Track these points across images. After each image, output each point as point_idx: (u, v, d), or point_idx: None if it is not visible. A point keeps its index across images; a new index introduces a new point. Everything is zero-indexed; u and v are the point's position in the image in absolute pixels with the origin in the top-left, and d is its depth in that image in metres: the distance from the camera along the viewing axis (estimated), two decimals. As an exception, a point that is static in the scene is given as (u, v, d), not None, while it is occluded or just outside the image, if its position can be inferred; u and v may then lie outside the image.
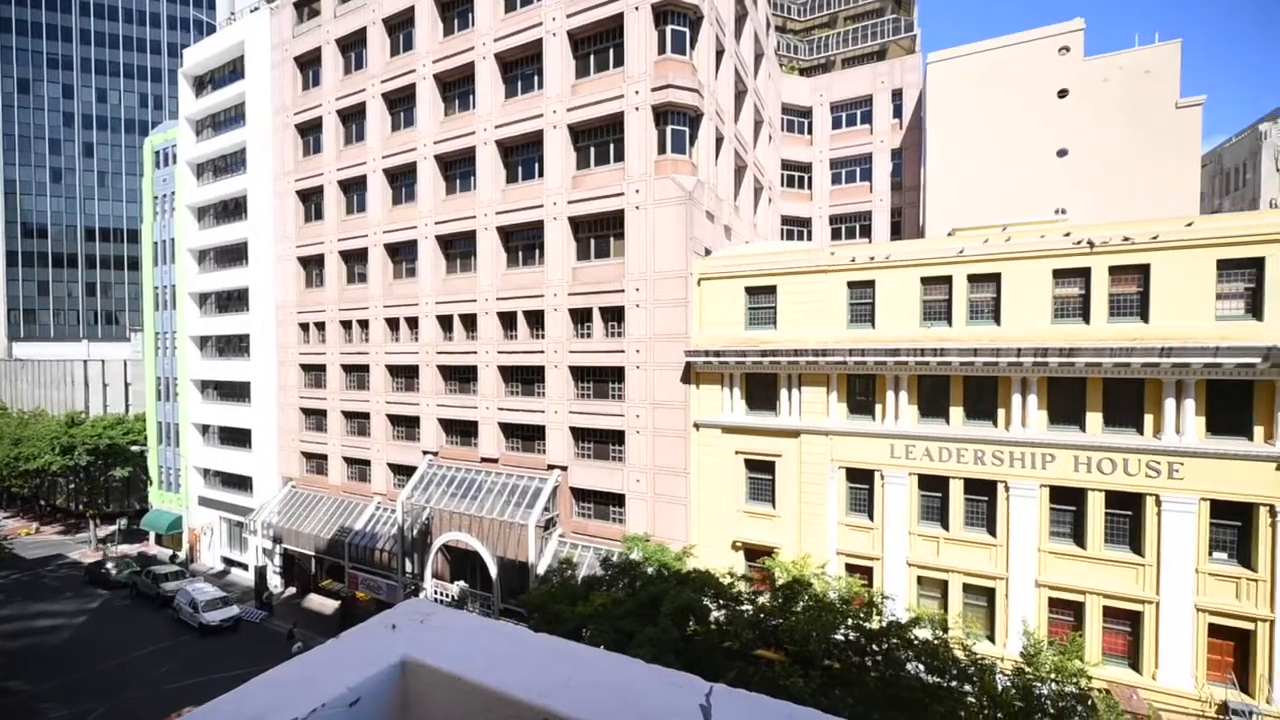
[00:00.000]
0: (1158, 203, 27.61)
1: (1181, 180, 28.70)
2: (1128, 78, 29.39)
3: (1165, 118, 28.88)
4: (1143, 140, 29.03)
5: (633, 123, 23.98)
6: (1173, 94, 28.90)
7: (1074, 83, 30.19)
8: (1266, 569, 16.09)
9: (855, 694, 13.52)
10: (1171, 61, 28.97)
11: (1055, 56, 30.57)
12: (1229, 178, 42.56)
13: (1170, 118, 28.83)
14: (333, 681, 1.20)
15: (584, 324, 25.89)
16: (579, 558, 24.41)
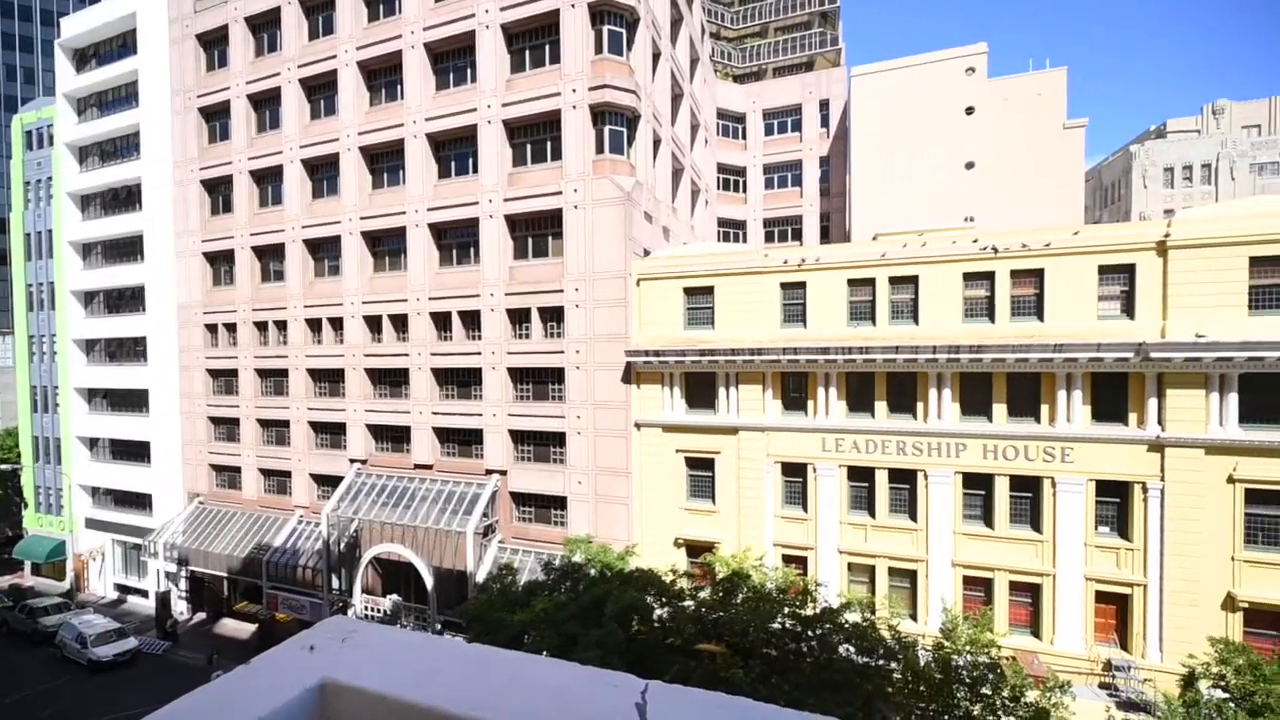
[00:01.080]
0: (1051, 213, 30.56)
1: (1069, 193, 31.92)
2: (1023, 99, 32.34)
3: (1055, 136, 32.01)
4: (1037, 155, 32.04)
5: (570, 121, 23.77)
6: (1060, 115, 32.09)
7: (979, 101, 32.86)
8: (1140, 539, 18.19)
9: (791, 680, 14.06)
10: (1059, 86, 32.15)
11: (963, 76, 33.15)
12: (1107, 192, 47.80)
13: (1059, 136, 31.99)
14: (242, 712, 1.12)
15: (523, 324, 25.39)
16: (520, 563, 23.91)
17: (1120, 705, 16.99)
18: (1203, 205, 30.61)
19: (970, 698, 14.07)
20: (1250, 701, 12.88)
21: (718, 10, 46.63)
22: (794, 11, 45.66)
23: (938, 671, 14.26)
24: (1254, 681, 13.21)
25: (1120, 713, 16.62)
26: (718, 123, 39.01)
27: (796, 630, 15.27)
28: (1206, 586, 17.46)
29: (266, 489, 31.68)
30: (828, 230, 38.18)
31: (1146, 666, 17.79)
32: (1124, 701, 17.17)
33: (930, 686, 14.11)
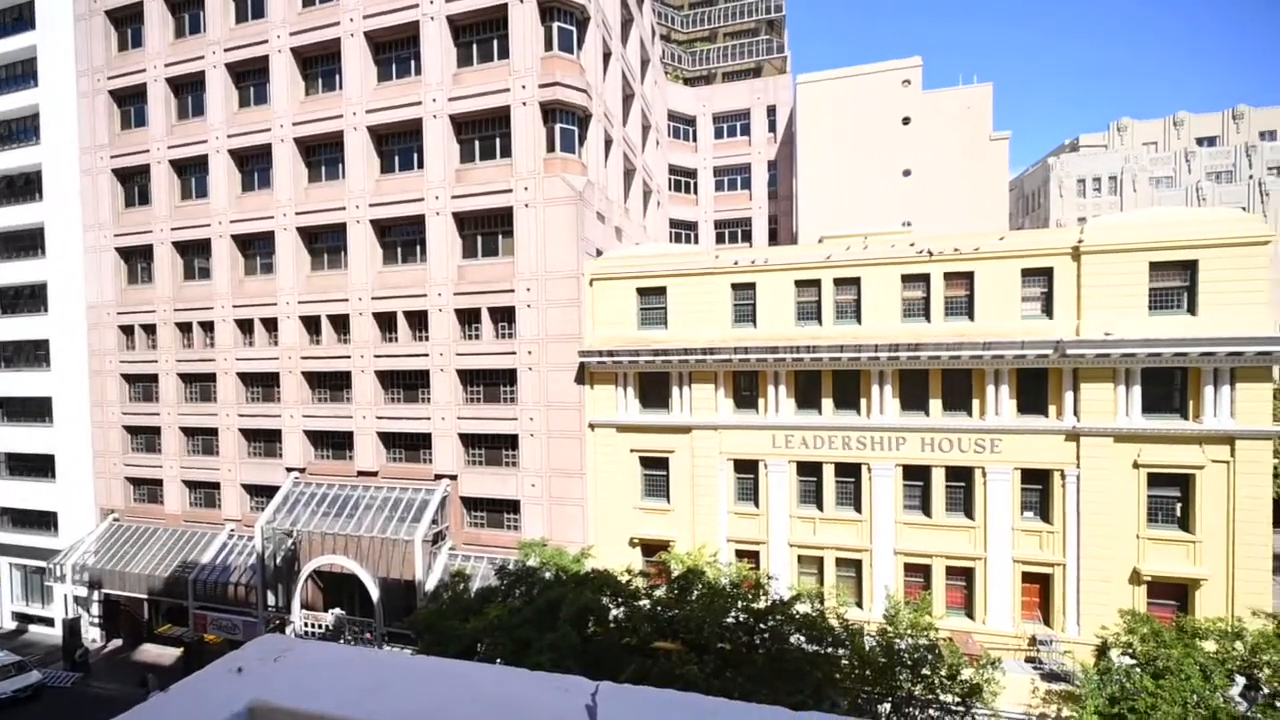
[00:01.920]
0: (979, 219, 32.55)
1: (995, 200, 34.11)
2: (954, 111, 34.31)
3: (982, 147, 34.13)
4: (967, 165, 34.06)
5: (520, 118, 23.37)
6: (987, 128, 34.24)
7: (914, 112, 34.61)
8: (1060, 522, 19.66)
9: (745, 673, 14.35)
10: (985, 100, 34.31)
11: (899, 88, 34.82)
12: (1029, 200, 51.42)
13: (986, 147, 34.13)
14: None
15: (472, 325, 24.76)
16: (472, 570, 23.31)
17: (1044, 677, 18.31)
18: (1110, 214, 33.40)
19: (912, 678, 14.82)
20: (1153, 666, 14.16)
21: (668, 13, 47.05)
22: (742, 18, 46.67)
23: (882, 656, 14.94)
24: (1156, 647, 14.54)
25: (1044, 684, 17.93)
26: (669, 124, 39.35)
27: (749, 623, 15.60)
28: (1116, 563, 19.07)
29: (192, 502, 29.52)
30: (776, 232, 39.23)
31: (1066, 639, 19.25)
32: (1047, 673, 18.51)
33: (875, 670, 14.75)
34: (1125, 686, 13.78)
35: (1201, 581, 18.31)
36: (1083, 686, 14.80)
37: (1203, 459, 18.32)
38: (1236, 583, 17.97)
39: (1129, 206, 43.61)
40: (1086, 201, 45.42)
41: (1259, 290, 18.19)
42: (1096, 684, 14.30)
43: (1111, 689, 13.89)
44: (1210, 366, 18.18)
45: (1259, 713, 13.07)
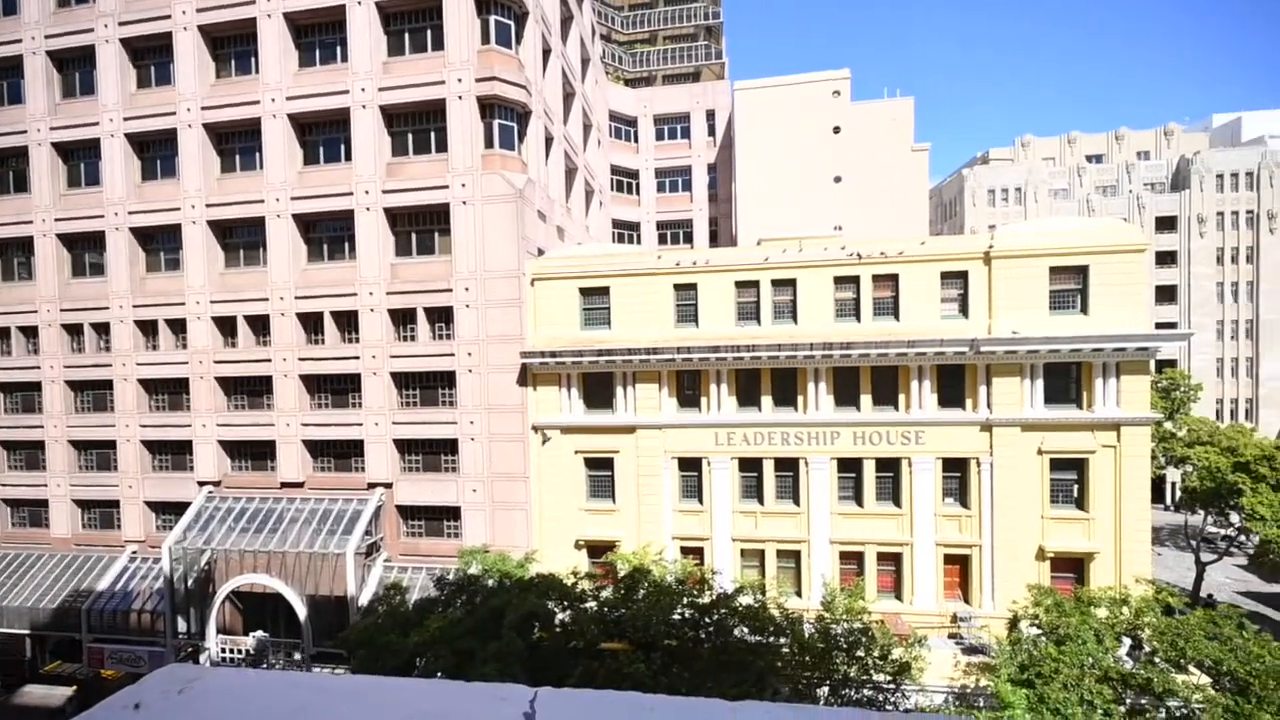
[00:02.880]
0: (904, 224, 34.61)
1: (916, 207, 36.40)
2: (879, 122, 36.32)
3: (905, 157, 36.33)
4: (891, 173, 36.14)
5: (456, 112, 22.62)
6: (909, 139, 36.48)
7: (844, 121, 36.36)
8: (977, 507, 21.25)
9: (691, 667, 14.57)
10: (907, 113, 36.54)
11: (830, 98, 36.47)
12: (947, 208, 55.27)
13: (908, 157, 36.35)
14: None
15: (407, 326, 23.74)
16: (410, 581, 22.35)
17: (965, 650, 19.71)
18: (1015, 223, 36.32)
19: (847, 661, 15.55)
20: (1056, 634, 15.57)
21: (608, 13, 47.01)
22: (681, 23, 47.35)
23: (820, 641, 15.58)
24: (1058, 617, 15.99)
25: (964, 657, 19.29)
26: (610, 124, 39.32)
27: (695, 619, 15.84)
28: (1025, 542, 20.82)
29: (85, 523, 26.60)
30: (716, 234, 40.08)
31: (984, 615, 20.82)
32: (967, 647, 19.94)
33: (813, 655, 15.37)
34: (1033, 654, 15.06)
35: (1095, 555, 20.33)
36: (997, 657, 16.06)
37: (1094, 444, 20.34)
38: (1123, 554, 20.08)
39: (1032, 216, 47.78)
40: (996, 210, 49.37)
41: (1139, 292, 20.42)
42: (1009, 654, 15.55)
43: (1021, 658, 15.15)
44: (1100, 361, 20.21)
45: (1141, 668, 14.66)
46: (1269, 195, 44.41)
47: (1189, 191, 45.66)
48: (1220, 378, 45.15)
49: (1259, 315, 44.69)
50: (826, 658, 15.36)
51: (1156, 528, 25.22)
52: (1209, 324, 45.14)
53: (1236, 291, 45.14)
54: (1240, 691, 13.57)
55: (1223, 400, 45.09)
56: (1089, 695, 13.69)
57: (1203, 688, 14.22)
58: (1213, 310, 45.33)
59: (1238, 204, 44.94)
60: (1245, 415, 44.80)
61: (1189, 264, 45.60)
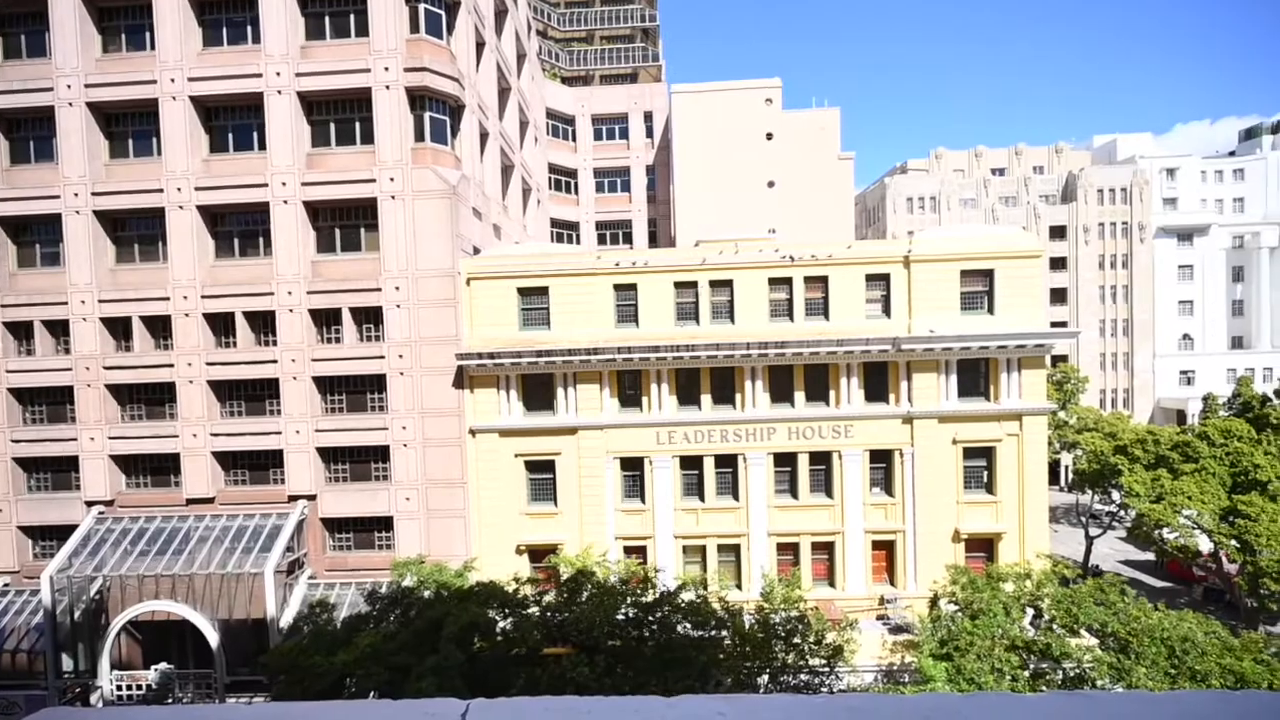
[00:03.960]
0: (833, 229, 36.30)
1: (843, 213, 38.29)
2: (808, 131, 37.92)
3: (832, 164, 38.12)
4: (821, 179, 37.82)
5: (383, 103, 21.54)
6: (836, 147, 38.31)
7: (776, 128, 37.67)
8: (900, 495, 22.63)
9: (636, 666, 14.60)
10: (834, 122, 38.36)
11: (763, 105, 37.68)
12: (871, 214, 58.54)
13: (835, 165, 38.18)
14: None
15: (331, 327, 22.35)
16: (338, 598, 21.05)
17: (891, 630, 20.95)
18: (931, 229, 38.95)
19: (785, 649, 16.10)
20: (970, 609, 16.85)
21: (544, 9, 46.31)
22: (618, 23, 47.40)
23: (759, 632, 16.05)
24: (972, 593, 17.31)
25: (891, 636, 20.49)
26: (547, 123, 38.76)
27: (639, 618, 15.88)
28: (943, 525, 22.38)
29: (-58, 556, 23.16)
30: (655, 235, 40.42)
31: (908, 596, 22.20)
32: (894, 627, 21.21)
33: (754, 646, 15.81)
34: (951, 630, 16.22)
35: (1002, 534, 22.17)
36: (920, 635, 17.17)
37: (1001, 433, 22.18)
38: (1026, 533, 22.02)
39: (945, 223, 51.50)
40: (914, 217, 52.83)
41: (1037, 294, 22.46)
42: (930, 631, 16.67)
43: (941, 633, 16.28)
44: (1004, 357, 22.06)
45: (1042, 635, 16.13)
46: (1139, 208, 50.21)
47: (1076, 204, 50.81)
48: (1103, 370, 50.55)
49: (1133, 315, 50.43)
50: (766, 647, 15.85)
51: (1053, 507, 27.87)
52: (1094, 322, 50.42)
53: (1115, 294, 50.71)
54: (1122, 650, 15.22)
55: (1105, 391, 50.49)
56: (999, 664, 14.91)
57: (1091, 649, 15.84)
58: (1096, 310, 50.67)
59: (1115, 216, 50.50)
60: (1123, 404, 50.41)
61: (1077, 269, 50.73)
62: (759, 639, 15.90)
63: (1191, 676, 14.25)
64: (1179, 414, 47.23)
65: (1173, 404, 49.10)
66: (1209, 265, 51.36)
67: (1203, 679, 14.14)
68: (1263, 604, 22.74)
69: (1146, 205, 50.38)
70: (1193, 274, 51.41)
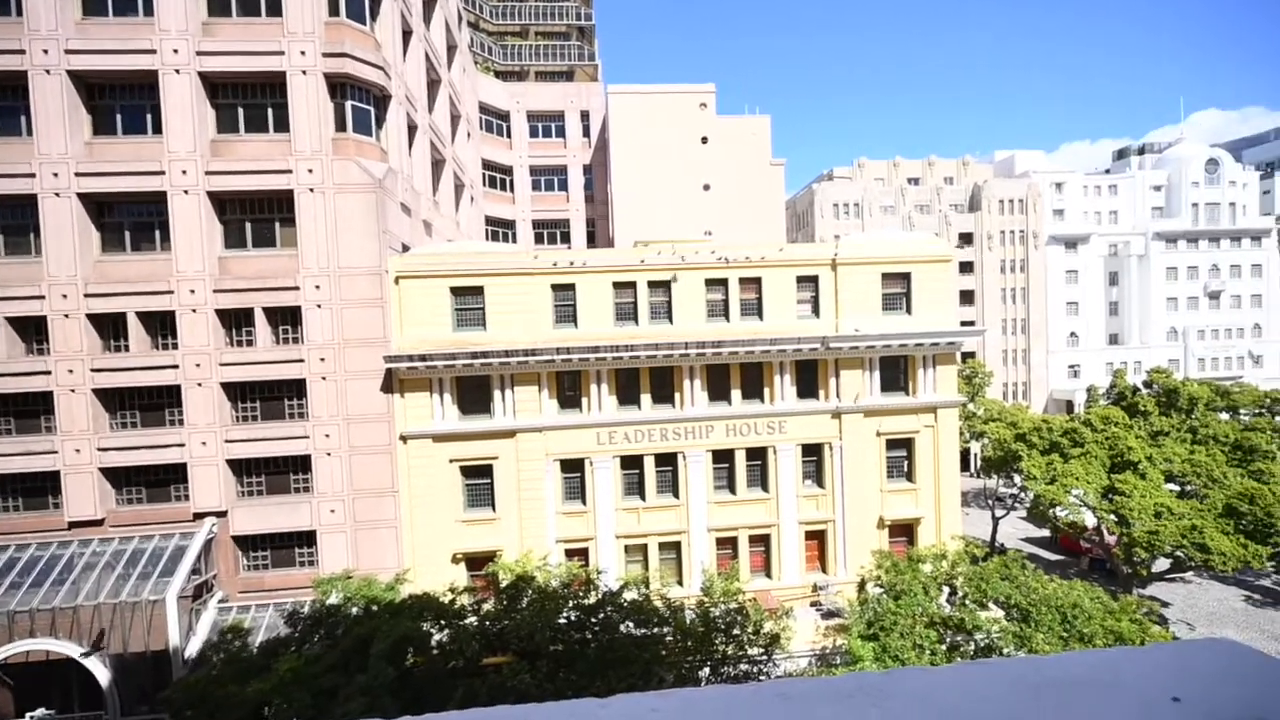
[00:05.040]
0: (766, 232, 37.55)
1: (775, 217, 39.72)
2: (741, 136, 39.03)
3: (765, 170, 39.44)
4: (754, 184, 39.03)
5: (300, 88, 20.13)
6: (767, 154, 39.67)
7: (711, 133, 38.50)
8: (831, 486, 23.74)
9: (578, 669, 14.45)
10: (765, 129, 39.70)
11: (698, 110, 38.40)
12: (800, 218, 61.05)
13: (768, 170, 39.52)
14: None
15: (242, 328, 20.65)
16: (254, 622, 19.46)
17: (824, 615, 21.94)
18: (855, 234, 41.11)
19: (725, 641, 16.47)
20: (894, 591, 17.93)
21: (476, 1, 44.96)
22: (553, 20, 46.79)
23: (700, 626, 16.32)
24: (895, 576, 18.43)
25: (824, 621, 21.45)
26: (481, 118, 37.68)
27: (581, 621, 15.73)
28: (869, 513, 23.67)
29: None
30: (594, 235, 40.22)
31: (839, 582, 23.33)
32: (826, 612, 22.22)
33: (695, 640, 16.06)
34: (877, 611, 17.19)
35: (921, 519, 23.76)
36: (850, 618, 18.08)
37: (919, 425, 23.76)
38: (942, 517, 23.71)
39: (868, 228, 54.58)
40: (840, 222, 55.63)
41: (948, 295, 24.24)
42: (859, 614, 17.59)
43: (868, 615, 17.22)
44: (921, 354, 23.66)
45: (957, 611, 17.43)
46: (1033, 218, 55.41)
47: (981, 213, 55.35)
48: (1005, 365, 55.36)
49: (1029, 315, 55.59)
50: (707, 640, 16.14)
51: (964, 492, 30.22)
52: (997, 322, 55.13)
53: (1014, 296, 55.69)
54: (1023, 619, 16.71)
55: (1007, 384, 55.34)
56: (920, 640, 15.96)
57: (998, 620, 17.28)
58: (999, 310, 55.43)
59: (1013, 224, 55.46)
60: (1022, 395, 55.44)
61: (982, 273, 55.26)
62: (700, 633, 16.17)
63: (1080, 638, 15.86)
64: (1068, 404, 52.53)
65: (1063, 395, 54.52)
66: (1090, 270, 57.49)
67: (1089, 640, 15.79)
68: (1135, 570, 25.70)
69: (1039, 216, 55.67)
70: (1078, 278, 57.36)
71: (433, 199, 27.86)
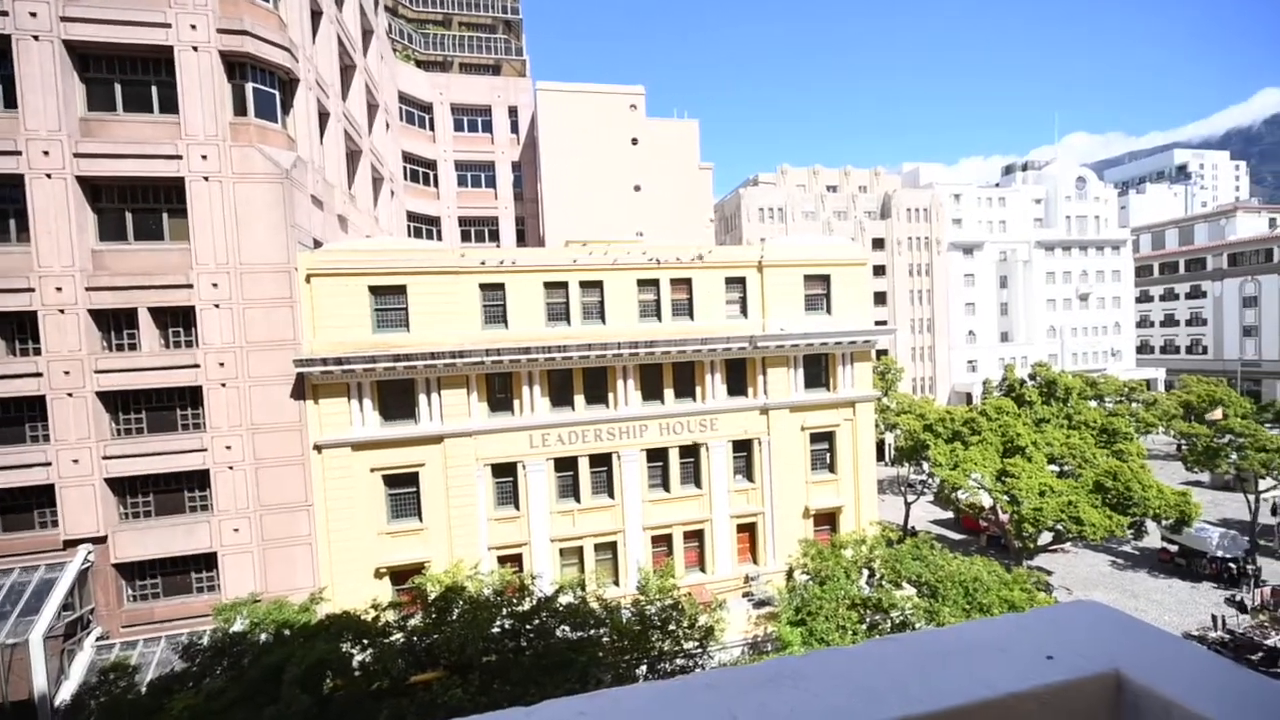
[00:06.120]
0: (695, 234, 38.32)
1: (704, 219, 40.64)
2: (670, 139, 39.65)
3: (693, 173, 40.28)
4: (683, 187, 39.74)
5: (191, 66, 18.27)
6: (696, 157, 40.53)
7: (641, 135, 38.81)
8: (760, 480, 24.60)
9: (513, 678, 14.07)
10: (693, 133, 40.55)
11: (628, 111, 38.59)
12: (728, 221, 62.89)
13: (696, 174, 40.38)
14: None
15: (124, 331, 18.45)
16: (143, 658, 17.44)
17: (755, 605, 22.68)
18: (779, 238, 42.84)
19: (662, 637, 16.63)
20: (819, 576, 18.86)
21: (395, -15, 42.70)
22: (478, 10, 45.37)
23: (636, 624, 16.38)
24: (820, 562, 19.39)
25: (755, 611, 22.17)
26: (401, 108, 35.90)
27: (516, 628, 15.34)
28: (795, 505, 24.73)
29: None
30: (524, 234, 39.40)
31: (769, 572, 24.22)
32: (758, 601, 22.98)
33: (632, 638, 16.09)
34: (804, 597, 18.01)
35: (842, 508, 25.15)
36: (779, 605, 18.81)
37: (839, 419, 25.14)
38: (861, 504, 25.22)
39: (791, 232, 57.13)
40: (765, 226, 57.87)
41: (864, 296, 25.81)
42: (787, 600, 18.34)
43: (796, 602, 18.00)
44: (840, 351, 25.04)
45: (875, 592, 18.60)
46: (936, 226, 60.29)
47: (891, 220, 59.48)
48: (914, 362, 59.81)
49: (934, 315, 60.41)
50: (644, 638, 16.22)
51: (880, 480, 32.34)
52: (906, 321, 59.46)
53: (921, 297, 60.32)
54: (932, 595, 18.09)
55: (916, 379, 59.81)
56: (843, 622, 16.87)
57: (911, 597, 18.61)
58: (908, 311, 59.82)
59: (919, 231, 60.07)
60: (929, 389, 60.15)
61: (893, 275, 59.40)
62: (636, 632, 16.23)
63: (980, 609, 17.40)
64: (967, 396, 57.54)
65: (963, 388, 59.65)
66: (985, 274, 63.34)
67: (987, 609, 17.34)
68: (1024, 544, 28.56)
69: (941, 224, 60.58)
70: (974, 281, 63.01)
71: (348, 192, 26.20)
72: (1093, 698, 1.15)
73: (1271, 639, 21.34)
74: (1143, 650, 1.22)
